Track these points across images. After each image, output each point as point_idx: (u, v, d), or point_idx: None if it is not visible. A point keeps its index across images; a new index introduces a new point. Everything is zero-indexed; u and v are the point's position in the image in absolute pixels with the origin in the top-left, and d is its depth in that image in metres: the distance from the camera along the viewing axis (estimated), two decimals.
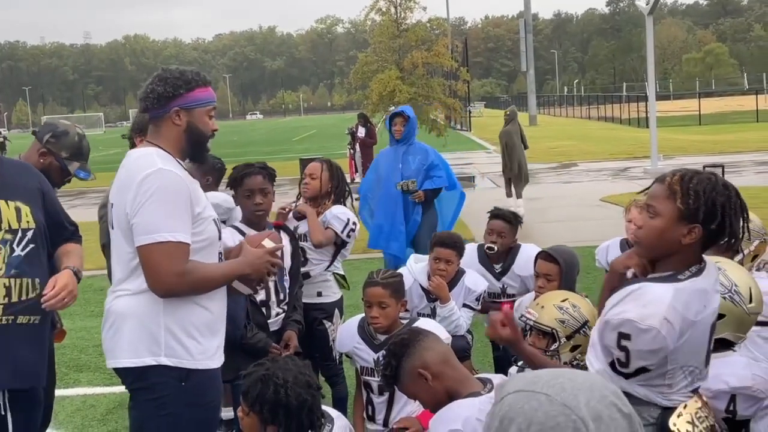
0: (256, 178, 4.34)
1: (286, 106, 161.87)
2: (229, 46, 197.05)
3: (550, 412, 1.31)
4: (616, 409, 1.35)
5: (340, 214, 4.97)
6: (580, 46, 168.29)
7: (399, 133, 7.49)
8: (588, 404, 1.32)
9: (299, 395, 2.78)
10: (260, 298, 4.30)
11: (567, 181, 19.82)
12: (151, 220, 2.97)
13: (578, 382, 1.37)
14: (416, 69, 20.79)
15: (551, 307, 3.56)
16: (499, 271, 5.14)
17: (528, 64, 51.48)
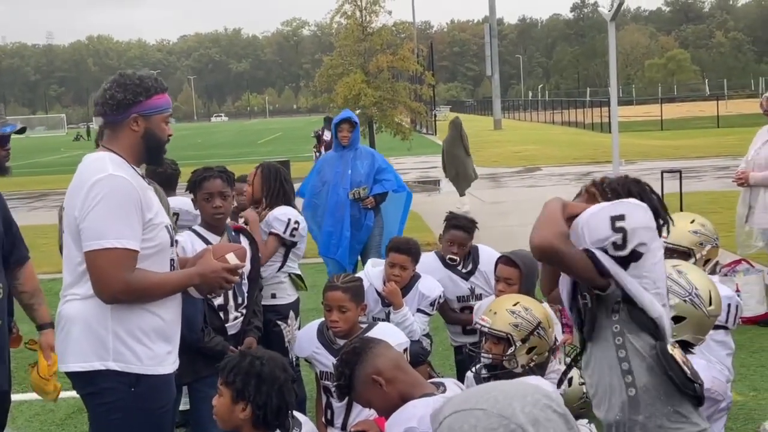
0: (215, 182, 4.31)
1: (252, 109, 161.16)
2: (193, 48, 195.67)
3: (488, 426, 1.33)
4: (551, 410, 1.37)
5: (280, 215, 4.99)
6: (545, 51, 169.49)
7: (346, 139, 7.51)
8: (523, 410, 1.34)
9: (273, 371, 2.84)
10: (218, 302, 4.30)
11: (531, 185, 19.97)
12: (98, 226, 2.98)
13: (510, 392, 1.39)
14: (381, 73, 20.84)
15: (504, 312, 3.60)
16: (465, 272, 5.18)
17: (493, 68, 51.73)
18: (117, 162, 3.10)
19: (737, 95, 71.13)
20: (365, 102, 19.43)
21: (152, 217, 3.10)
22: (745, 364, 6.04)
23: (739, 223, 7.31)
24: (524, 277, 4.37)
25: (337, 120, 7.68)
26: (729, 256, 8.02)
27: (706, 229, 4.09)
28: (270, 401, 2.82)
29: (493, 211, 15.42)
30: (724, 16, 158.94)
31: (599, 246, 2.50)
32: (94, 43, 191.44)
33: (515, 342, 3.55)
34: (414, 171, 24.84)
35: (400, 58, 20.93)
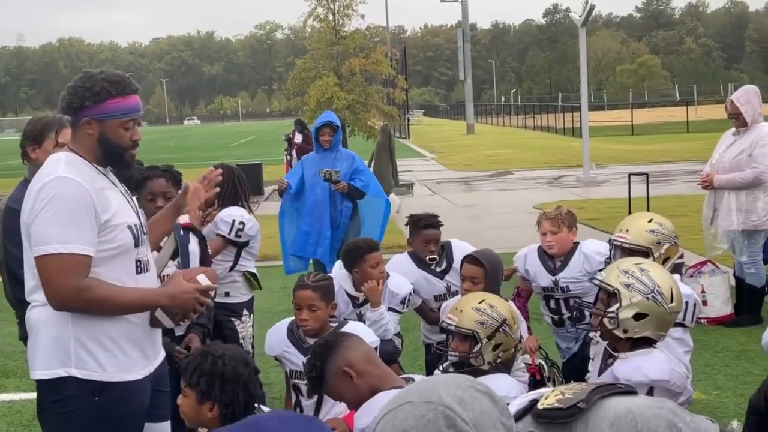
0: (158, 182, 4.24)
1: (225, 112, 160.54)
2: (166, 51, 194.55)
3: (417, 414, 1.36)
4: (474, 389, 1.41)
5: (225, 216, 5.08)
6: (518, 56, 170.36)
7: (328, 143, 7.59)
8: (448, 393, 1.38)
9: (236, 368, 2.84)
10: None
11: (502, 189, 20.08)
12: (43, 231, 2.92)
13: (433, 381, 1.44)
14: (354, 76, 20.87)
15: (469, 309, 3.64)
16: (440, 271, 5.22)
17: (466, 73, 51.96)
18: (72, 162, 3.03)
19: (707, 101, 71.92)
20: (338, 105, 19.43)
21: (109, 218, 3.01)
22: (710, 364, 6.14)
23: (705, 225, 7.42)
24: (489, 276, 4.42)
25: (318, 123, 7.73)
26: (695, 257, 8.14)
27: (663, 228, 4.17)
28: (236, 398, 2.83)
29: (465, 214, 15.51)
30: (694, 23, 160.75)
31: None
32: (65, 46, 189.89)
33: (481, 339, 3.58)
34: None
35: (373, 62, 20.97)
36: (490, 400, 1.41)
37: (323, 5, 21.30)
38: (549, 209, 5.21)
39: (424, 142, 42.07)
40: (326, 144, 7.58)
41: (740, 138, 7.12)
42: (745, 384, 5.58)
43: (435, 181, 22.89)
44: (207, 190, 3.57)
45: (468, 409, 1.37)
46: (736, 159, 7.05)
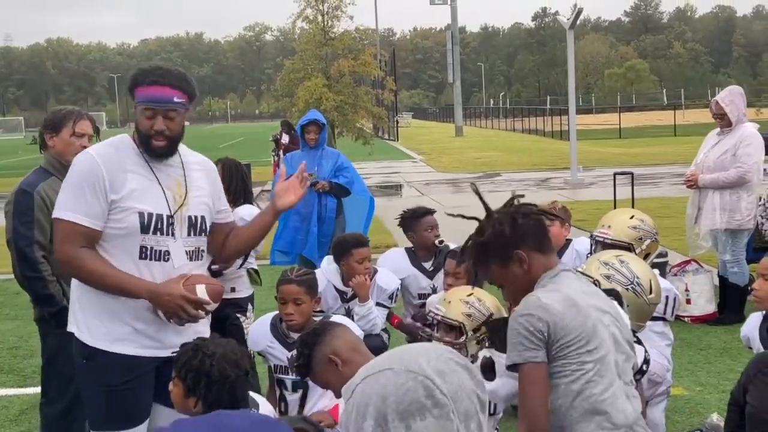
0: None
1: (213, 114, 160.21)
2: (155, 52, 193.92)
3: (398, 382, 1.40)
4: (454, 362, 1.46)
5: (245, 215, 5.05)
6: (507, 59, 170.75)
7: (314, 141, 7.66)
8: (429, 364, 1.42)
9: (224, 369, 2.84)
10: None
11: (490, 191, 20.12)
12: (59, 197, 3.23)
13: (414, 351, 1.48)
14: (343, 77, 20.90)
15: (458, 301, 3.68)
16: (431, 270, 5.27)
17: (455, 75, 52.13)
18: (116, 142, 3.31)
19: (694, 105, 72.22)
20: (326, 106, 19.46)
21: (117, 198, 3.16)
22: (693, 361, 6.20)
23: (689, 224, 7.48)
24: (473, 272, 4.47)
25: (304, 121, 7.78)
26: (680, 257, 8.20)
27: (645, 224, 4.22)
28: (220, 399, 2.84)
29: None
30: (682, 27, 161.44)
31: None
32: (54, 46, 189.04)
33: (467, 331, 3.63)
34: (375, 176, 24.93)
35: (362, 63, 21.02)
36: (467, 373, 1.45)
37: (312, 6, 21.34)
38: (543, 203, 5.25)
39: (413, 144, 42.13)
40: (312, 142, 7.63)
41: (724, 138, 7.19)
42: (727, 381, 5.64)
43: (423, 182, 22.94)
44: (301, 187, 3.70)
45: (447, 381, 1.41)
46: (720, 159, 7.12)
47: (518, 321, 2.42)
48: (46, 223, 4.13)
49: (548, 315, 2.42)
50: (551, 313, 2.43)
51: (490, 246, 2.62)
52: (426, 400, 1.39)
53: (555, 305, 2.45)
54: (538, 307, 2.44)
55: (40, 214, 4.16)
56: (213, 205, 3.46)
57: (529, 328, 2.39)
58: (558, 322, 2.42)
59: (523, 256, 2.60)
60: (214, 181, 3.52)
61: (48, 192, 4.20)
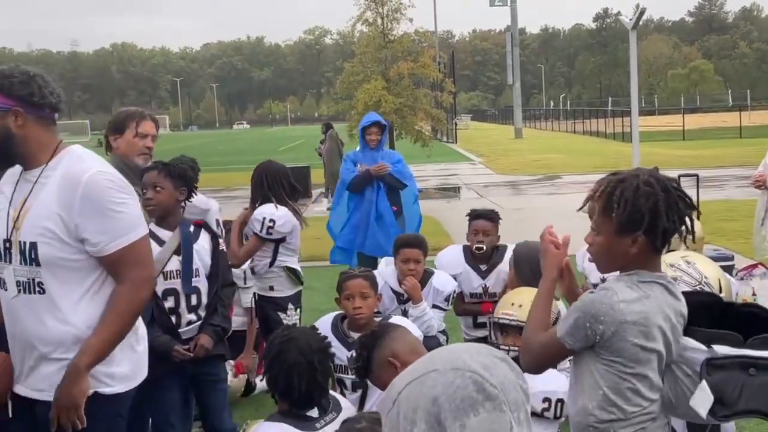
0: (150, 174, 4.19)
1: (274, 116, 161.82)
2: (216, 56, 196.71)
3: (446, 381, 1.39)
4: (493, 356, 1.45)
5: (257, 215, 5.21)
6: (567, 60, 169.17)
7: (375, 142, 7.70)
8: (472, 359, 1.41)
9: (285, 352, 2.91)
10: (168, 305, 4.12)
11: (550, 193, 19.98)
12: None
13: (453, 349, 1.47)
14: (402, 80, 20.91)
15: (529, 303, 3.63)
16: (484, 269, 5.25)
17: (514, 77, 51.81)
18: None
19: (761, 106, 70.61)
20: (385, 108, 19.47)
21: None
22: None
23: (756, 226, 7.32)
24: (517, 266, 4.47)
25: (366, 122, 7.84)
26: (746, 261, 8.02)
27: None
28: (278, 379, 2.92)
29: (512, 217, 15.42)
30: (748, 27, 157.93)
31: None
32: (118, 51, 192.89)
33: None
34: (434, 178, 24.92)
35: (421, 66, 21.00)
36: (508, 365, 1.45)
37: (372, 9, 21.40)
38: None
39: (472, 146, 41.98)
40: (373, 143, 7.68)
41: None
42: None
43: (482, 184, 22.85)
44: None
45: (493, 374, 1.41)
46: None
47: (585, 313, 2.43)
48: None
49: (614, 324, 2.40)
50: (618, 321, 2.41)
51: (629, 211, 2.46)
52: (477, 395, 1.38)
53: (629, 317, 2.41)
54: (609, 310, 2.41)
55: None
56: (66, 230, 2.83)
57: (589, 326, 2.42)
58: (618, 332, 2.41)
59: (642, 245, 2.48)
60: (75, 201, 2.82)
61: None
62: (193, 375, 4.21)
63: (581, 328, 2.43)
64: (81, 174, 2.83)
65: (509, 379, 1.42)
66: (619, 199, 2.46)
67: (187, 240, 4.15)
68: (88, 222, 2.82)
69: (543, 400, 3.50)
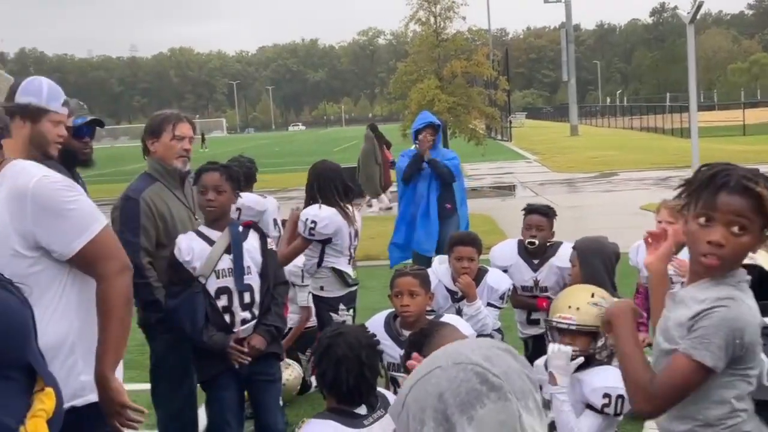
0: (212, 175, 4.22)
1: (328, 118, 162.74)
2: (272, 59, 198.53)
3: (450, 376, 1.39)
4: (496, 347, 1.45)
5: (301, 215, 5.28)
6: (624, 56, 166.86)
7: (430, 143, 7.73)
8: (474, 352, 1.41)
9: (333, 346, 2.91)
10: (222, 304, 4.17)
11: (607, 190, 19.75)
12: None
13: (455, 346, 1.47)
14: (455, 78, 20.84)
15: (586, 306, 3.55)
16: (537, 263, 5.23)
17: (569, 73, 51.28)
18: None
19: None
20: (439, 107, 19.44)
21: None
22: None
23: None
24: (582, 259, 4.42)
25: (419, 124, 7.85)
26: None
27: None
28: (327, 372, 2.91)
29: (569, 215, 15.29)
30: None
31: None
32: (176, 55, 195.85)
33: (604, 334, 3.54)
34: (488, 177, 24.81)
35: (475, 64, 20.90)
36: (511, 356, 1.46)
37: (425, 8, 21.38)
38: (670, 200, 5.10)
39: (527, 144, 41.69)
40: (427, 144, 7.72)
41: None
42: None
43: (538, 182, 22.68)
44: None
45: (496, 365, 1.41)
46: None
47: (731, 330, 2.34)
48: (152, 229, 4.22)
49: (756, 332, 2.37)
50: (757, 327, 2.37)
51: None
52: (481, 386, 1.38)
53: (758, 319, 2.39)
54: (751, 320, 2.37)
55: (146, 220, 4.22)
56: (24, 242, 2.79)
57: (738, 343, 2.34)
58: (756, 339, 2.38)
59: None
60: (27, 211, 2.78)
61: (153, 198, 4.27)
62: (247, 374, 4.25)
63: (730, 346, 2.33)
64: (27, 183, 2.78)
65: (513, 368, 1.43)
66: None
67: (236, 239, 4.19)
68: (45, 228, 2.79)
69: (603, 395, 3.46)
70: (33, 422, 2.35)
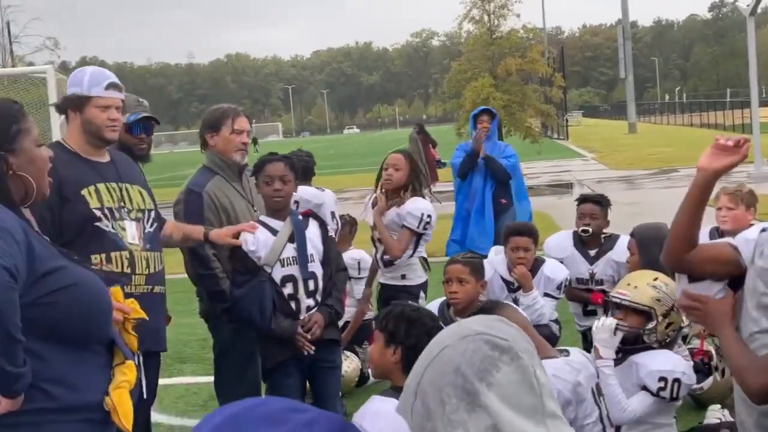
0: (277, 165, 4.24)
1: (382, 120, 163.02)
2: (326, 63, 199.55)
3: (460, 351, 1.41)
4: (497, 320, 1.47)
5: (413, 210, 5.17)
6: (682, 52, 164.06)
7: (486, 130, 7.74)
8: (478, 324, 1.44)
9: (421, 317, 2.97)
10: (288, 291, 4.22)
11: (666, 187, 19.44)
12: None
13: (462, 323, 1.48)
14: (510, 76, 20.77)
15: (645, 286, 3.59)
16: (593, 255, 5.20)
17: (627, 71, 50.63)
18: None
19: None
20: (493, 105, 19.41)
21: None
22: None
23: None
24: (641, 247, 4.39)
25: (477, 110, 7.89)
26: None
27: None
28: (419, 344, 2.92)
29: (627, 211, 15.09)
30: None
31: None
32: (233, 61, 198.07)
33: (657, 316, 3.55)
34: (545, 175, 24.62)
35: (530, 61, 20.81)
36: (506, 324, 1.48)
37: (478, 7, 21.36)
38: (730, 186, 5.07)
39: (584, 142, 41.22)
40: (484, 131, 7.71)
41: None
42: None
43: (595, 180, 22.42)
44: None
45: (500, 330, 1.43)
46: None
47: None
48: (215, 221, 4.31)
49: None
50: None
51: None
52: (493, 352, 1.40)
53: None
54: None
55: (210, 213, 4.33)
56: None
57: None
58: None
59: None
60: None
61: (215, 191, 4.38)
62: (310, 362, 4.29)
63: None
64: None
65: (515, 331, 1.46)
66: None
67: (299, 227, 4.25)
68: None
69: (659, 379, 3.45)
70: (117, 393, 2.53)
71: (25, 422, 2.37)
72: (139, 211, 3.56)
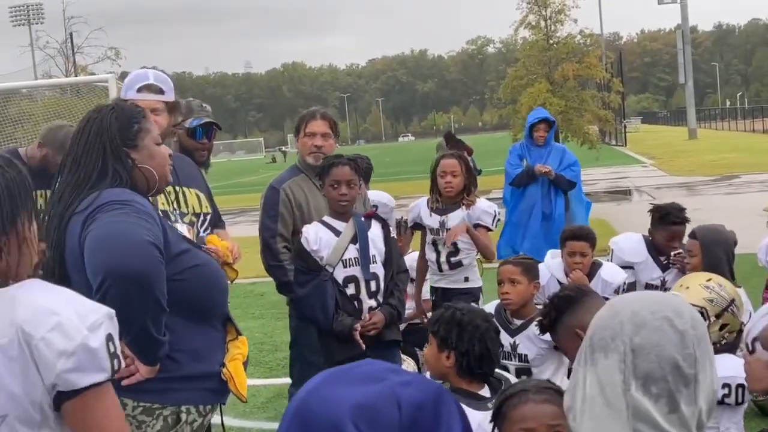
0: (343, 169, 4.26)
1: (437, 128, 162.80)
2: (381, 71, 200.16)
3: (654, 309, 1.42)
4: (669, 324, 1.45)
5: (487, 208, 5.24)
6: (743, 57, 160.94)
7: (543, 138, 7.67)
8: (634, 312, 1.45)
9: (473, 320, 2.96)
10: (350, 292, 4.25)
11: (728, 193, 19.08)
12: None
13: (640, 298, 1.50)
14: (567, 81, 20.56)
15: (697, 287, 3.54)
16: (665, 262, 5.11)
17: (686, 76, 49.84)
18: None
19: None
20: (550, 111, 19.24)
21: None
22: None
23: None
24: (704, 249, 4.33)
25: (534, 119, 7.85)
26: None
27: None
28: (472, 348, 2.91)
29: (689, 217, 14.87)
30: None
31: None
32: (289, 71, 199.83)
33: (709, 317, 3.48)
34: (603, 181, 24.32)
35: (587, 66, 20.58)
36: (679, 339, 1.59)
37: (534, 12, 21.22)
38: None
39: (642, 148, 40.64)
40: (540, 140, 7.67)
41: None
42: None
43: (654, 186, 22.09)
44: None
45: (638, 334, 1.52)
46: None
47: None
48: (289, 217, 4.53)
49: None
50: None
51: None
52: (675, 332, 1.52)
53: None
54: None
55: (284, 208, 4.54)
56: None
57: None
58: None
59: None
60: None
61: (293, 188, 4.59)
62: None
63: None
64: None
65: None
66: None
67: (362, 228, 4.30)
68: None
69: (723, 386, 3.38)
70: (233, 364, 2.86)
71: (151, 389, 2.61)
72: (194, 215, 3.59)
